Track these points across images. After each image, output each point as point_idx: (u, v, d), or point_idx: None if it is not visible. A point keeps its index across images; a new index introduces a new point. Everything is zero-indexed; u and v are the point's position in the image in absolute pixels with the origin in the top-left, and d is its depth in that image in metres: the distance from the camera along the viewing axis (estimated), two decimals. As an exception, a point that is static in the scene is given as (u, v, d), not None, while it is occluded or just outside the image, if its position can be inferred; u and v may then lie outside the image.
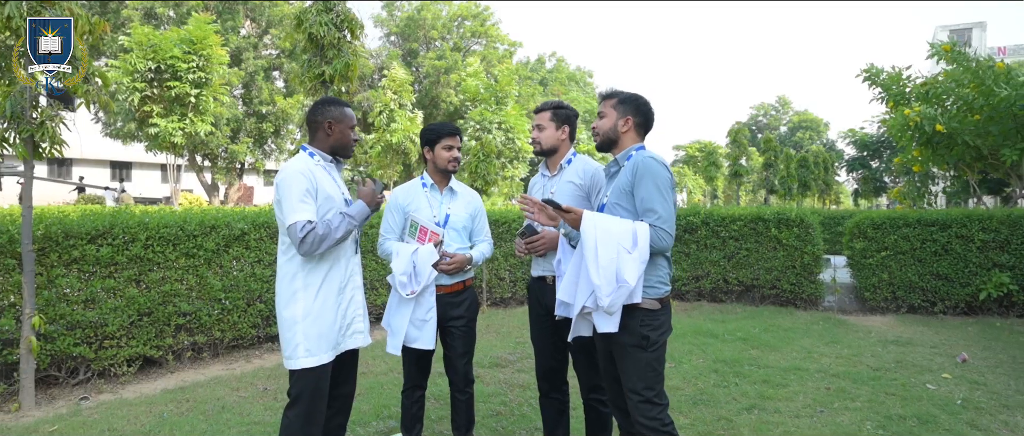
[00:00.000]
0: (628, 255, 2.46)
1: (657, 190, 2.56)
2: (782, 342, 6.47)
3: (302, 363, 2.69)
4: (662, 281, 2.65)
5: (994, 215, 8.24)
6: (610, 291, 2.46)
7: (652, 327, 2.59)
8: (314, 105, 2.95)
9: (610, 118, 2.80)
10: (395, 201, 3.50)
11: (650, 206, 2.56)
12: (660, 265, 2.64)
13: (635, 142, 2.80)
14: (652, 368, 2.59)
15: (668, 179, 2.61)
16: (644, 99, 2.83)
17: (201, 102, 14.44)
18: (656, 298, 2.61)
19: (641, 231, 2.51)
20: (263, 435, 3.85)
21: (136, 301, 5.25)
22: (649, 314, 2.59)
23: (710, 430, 3.96)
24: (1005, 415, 4.25)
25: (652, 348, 2.59)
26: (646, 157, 2.65)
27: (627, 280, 2.45)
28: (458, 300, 3.41)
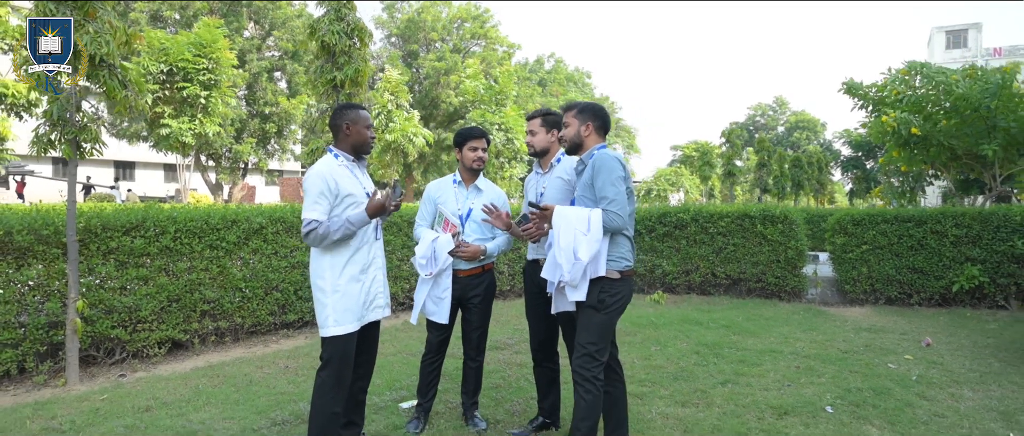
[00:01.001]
0: (583, 236, 2.98)
1: (610, 181, 3.06)
2: (762, 329, 6.96)
3: (332, 331, 3.18)
4: (623, 257, 3.14)
5: (966, 212, 8.72)
6: (569, 267, 2.99)
7: (610, 294, 3.10)
8: (334, 111, 3.43)
9: (573, 126, 3.29)
10: (429, 193, 4.00)
11: (603, 194, 3.07)
12: (621, 243, 3.14)
13: (597, 143, 3.29)
14: (602, 328, 3.10)
15: (620, 172, 3.10)
16: (599, 106, 3.34)
17: (210, 103, 14.92)
18: (617, 270, 3.11)
19: (595, 216, 3.02)
20: (289, 402, 4.33)
21: (166, 288, 5.73)
22: (609, 282, 3.10)
23: (687, 400, 4.44)
24: (953, 389, 4.74)
25: (605, 310, 3.10)
26: (602, 155, 3.15)
27: (581, 257, 2.98)
28: (477, 282, 3.90)
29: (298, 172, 45.15)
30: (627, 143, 58.06)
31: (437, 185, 4.03)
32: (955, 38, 55.65)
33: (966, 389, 4.73)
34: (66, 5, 4.90)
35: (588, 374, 3.08)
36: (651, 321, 7.31)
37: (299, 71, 28.10)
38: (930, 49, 55.68)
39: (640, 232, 9.75)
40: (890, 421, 4.02)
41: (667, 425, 3.95)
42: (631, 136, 58.82)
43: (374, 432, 3.80)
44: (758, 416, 4.11)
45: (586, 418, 3.08)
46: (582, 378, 3.09)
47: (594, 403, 3.09)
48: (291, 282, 6.76)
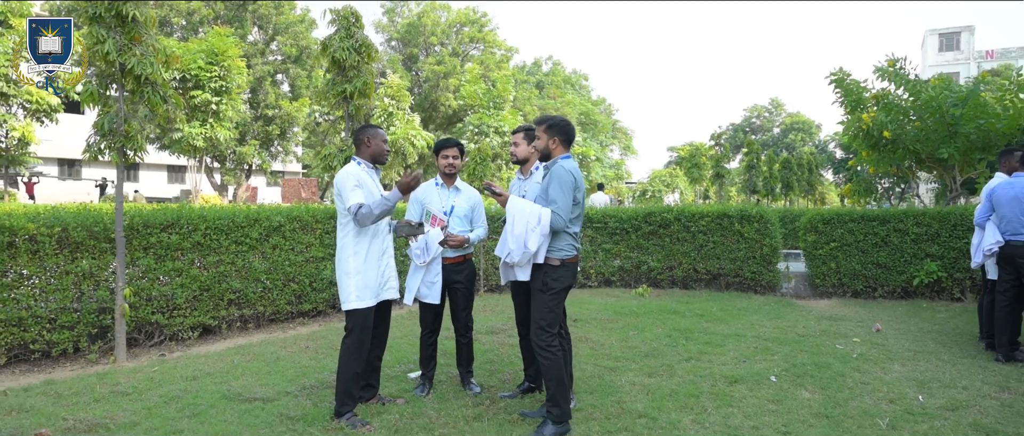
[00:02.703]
0: (533, 230, 3.70)
1: (560, 189, 3.76)
2: (733, 317, 7.69)
3: (354, 305, 3.92)
4: (563, 249, 3.84)
5: (926, 212, 9.46)
6: (520, 253, 3.73)
7: (553, 278, 3.83)
8: (358, 129, 4.22)
9: (543, 139, 4.01)
10: (415, 196, 4.76)
11: (553, 198, 3.79)
12: (564, 238, 3.85)
13: (562, 153, 4.00)
14: (549, 307, 3.83)
15: (570, 181, 3.80)
16: (565, 121, 4.05)
17: (222, 109, 15.66)
18: (558, 259, 3.84)
19: (545, 215, 3.74)
20: (314, 373, 5.08)
21: (198, 279, 6.46)
22: (552, 269, 3.84)
23: (654, 372, 5.18)
24: (885, 364, 5.48)
25: (550, 293, 3.82)
26: (560, 166, 3.86)
27: (530, 247, 3.71)
28: (460, 269, 4.67)
29: (299, 173, 45.83)
30: (624, 144, 58.78)
31: (422, 188, 4.78)
32: (948, 40, 56.40)
33: (897, 364, 5.46)
34: (115, 31, 5.61)
35: (544, 343, 3.83)
36: (633, 311, 8.04)
37: (301, 75, 28.88)
38: (924, 51, 56.45)
39: (627, 230, 10.47)
40: (822, 387, 4.76)
41: (633, 390, 4.68)
42: (628, 138, 59.56)
43: (388, 393, 4.54)
44: (711, 384, 4.84)
45: (551, 378, 3.83)
46: (540, 348, 3.84)
47: (554, 364, 3.82)
48: (306, 275, 7.48)
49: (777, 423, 4.00)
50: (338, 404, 3.95)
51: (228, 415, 4.07)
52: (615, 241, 10.52)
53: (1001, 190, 5.60)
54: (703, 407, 4.31)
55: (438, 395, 4.62)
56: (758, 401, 4.45)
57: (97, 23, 5.54)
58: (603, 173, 40.76)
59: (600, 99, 58.17)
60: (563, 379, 3.86)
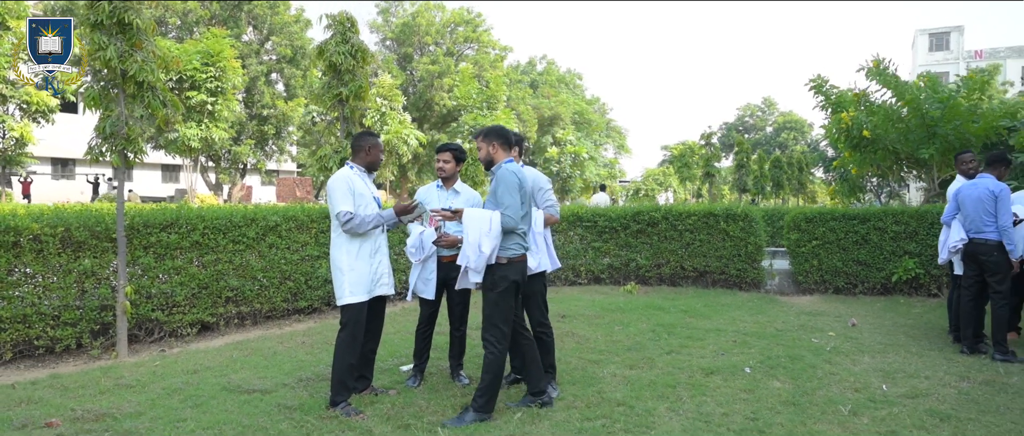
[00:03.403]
0: (486, 235, 3.92)
1: (506, 190, 4.00)
2: (715, 313, 7.94)
3: (348, 300, 4.15)
4: (510, 248, 4.06)
5: (905, 210, 9.73)
6: (475, 257, 3.94)
7: (499, 277, 4.06)
8: (356, 136, 4.45)
9: (484, 148, 4.24)
10: (417, 196, 4.98)
11: (501, 201, 4.03)
12: (512, 238, 4.07)
13: (504, 158, 4.23)
14: (497, 303, 4.07)
15: (515, 182, 4.03)
16: (499, 128, 4.29)
17: (217, 110, 15.84)
18: (506, 258, 4.06)
19: (495, 218, 3.97)
20: (310, 366, 5.31)
21: (196, 277, 6.68)
22: (499, 267, 4.06)
23: (635, 364, 5.42)
24: (856, 356, 5.74)
25: (497, 291, 4.05)
26: (503, 170, 4.09)
27: (484, 251, 3.92)
28: (456, 266, 4.87)
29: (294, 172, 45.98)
30: (618, 143, 59.06)
31: (424, 190, 5.05)
32: (938, 40, 56.84)
33: (867, 356, 5.72)
34: (116, 37, 5.82)
35: (491, 337, 4.08)
36: (620, 307, 8.28)
37: (296, 75, 29.03)
38: (914, 51, 56.89)
39: (617, 229, 10.70)
40: (793, 378, 5.02)
41: (614, 381, 4.93)
42: (622, 136, 59.85)
43: (381, 384, 4.77)
44: (689, 375, 5.09)
45: (489, 370, 4.08)
46: (486, 340, 4.10)
47: (496, 359, 4.07)
48: (302, 273, 7.70)
49: (746, 410, 4.25)
50: (333, 394, 4.18)
51: (229, 405, 4.29)
52: (604, 239, 10.75)
53: (966, 191, 5.86)
54: (679, 396, 4.56)
55: (429, 386, 4.85)
56: (731, 391, 4.70)
57: (99, 30, 5.74)
58: (597, 172, 41.02)
59: (594, 98, 58.42)
60: (499, 375, 4.10)
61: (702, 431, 3.90)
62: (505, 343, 4.12)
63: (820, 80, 11.71)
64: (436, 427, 3.95)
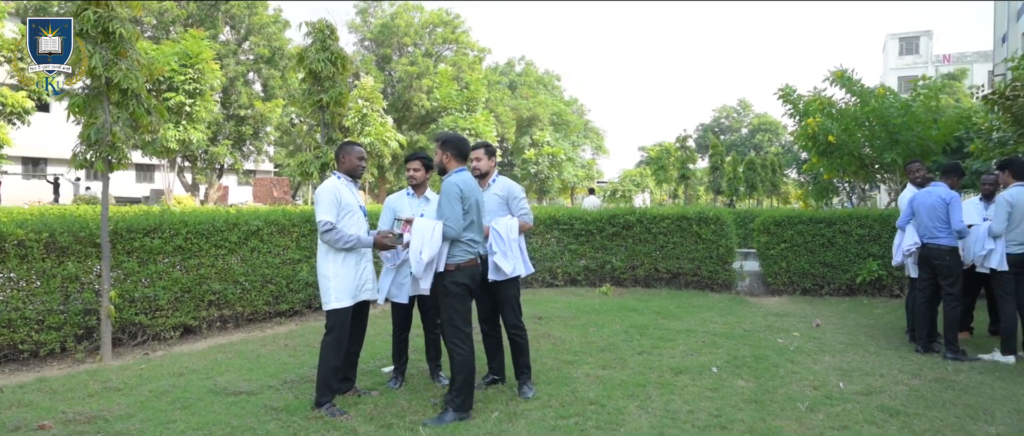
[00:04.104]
0: (427, 243, 4.13)
1: (447, 202, 4.21)
2: (687, 314, 8.21)
3: (334, 305, 4.33)
4: (457, 255, 4.27)
5: (869, 214, 10.11)
6: (415, 263, 4.16)
7: (451, 281, 4.28)
8: (339, 146, 4.61)
9: (439, 155, 4.46)
10: (388, 204, 5.18)
11: (442, 212, 4.25)
12: (458, 246, 4.28)
13: (456, 167, 4.44)
14: (452, 306, 4.28)
15: (456, 193, 4.22)
16: (455, 138, 4.51)
17: (195, 111, 15.82)
18: (454, 264, 4.28)
19: (437, 228, 4.18)
20: (294, 369, 5.46)
21: (179, 281, 6.78)
22: (449, 273, 4.28)
23: (608, 364, 5.65)
24: (817, 355, 6.03)
25: (450, 295, 4.27)
26: (448, 181, 4.29)
27: (423, 258, 4.14)
28: None
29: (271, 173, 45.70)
30: (596, 144, 59.52)
31: (395, 197, 5.24)
32: (907, 45, 58.10)
33: (827, 356, 6.02)
34: (101, 46, 5.91)
35: (454, 339, 4.28)
36: (595, 309, 8.52)
37: (275, 75, 28.94)
38: (885, 54, 58.10)
39: (592, 232, 10.95)
40: (756, 377, 5.29)
41: (587, 381, 5.15)
42: (599, 137, 60.31)
43: (364, 386, 4.95)
44: (659, 375, 5.33)
45: (460, 371, 4.27)
46: (450, 343, 4.29)
47: (463, 360, 4.27)
48: (283, 276, 7.83)
49: (711, 407, 4.50)
50: (318, 395, 4.35)
51: (216, 407, 4.45)
52: (581, 242, 11.00)
53: (920, 198, 6.19)
54: (648, 395, 4.79)
55: (409, 387, 5.04)
56: (698, 389, 4.95)
57: (83, 38, 5.84)
58: (574, 173, 41.36)
59: (572, 99, 58.82)
60: (472, 373, 4.31)
61: (669, 428, 4.14)
62: (469, 342, 4.32)
63: (788, 89, 12.10)
64: (417, 426, 4.14)
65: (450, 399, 4.29)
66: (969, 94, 37.48)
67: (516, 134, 38.76)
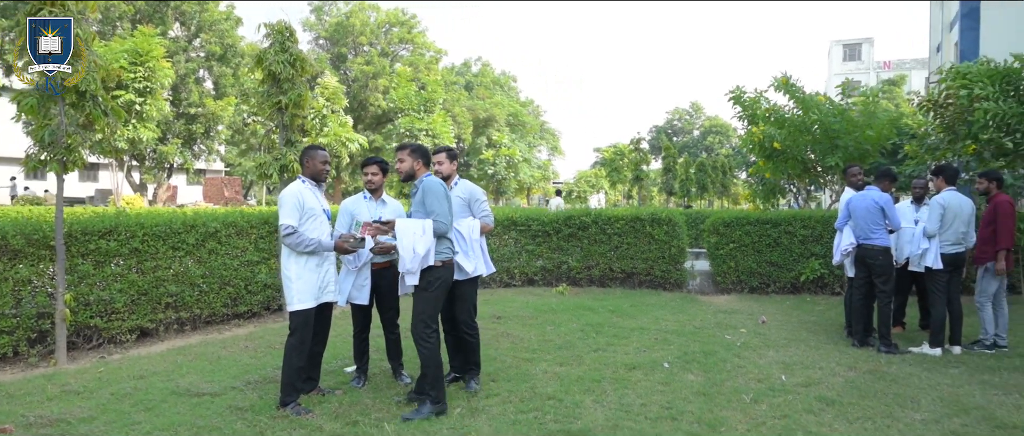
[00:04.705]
0: (420, 238, 4.28)
1: (436, 199, 4.38)
2: (641, 313, 8.50)
3: (297, 306, 4.42)
4: (442, 252, 4.45)
5: (812, 215, 10.59)
6: (410, 259, 4.29)
7: (433, 277, 4.43)
8: (303, 150, 4.70)
9: (408, 162, 4.60)
10: (345, 207, 5.28)
11: (432, 209, 4.40)
12: (444, 243, 4.46)
13: (424, 172, 4.61)
14: (430, 302, 4.44)
15: (442, 191, 4.42)
16: (423, 146, 4.70)
17: (146, 110, 15.49)
18: (439, 260, 4.44)
19: (428, 225, 4.34)
20: (256, 370, 5.51)
21: (136, 284, 6.73)
22: (432, 270, 4.43)
23: (565, 361, 5.87)
24: (762, 351, 6.36)
25: (430, 290, 4.42)
26: (430, 181, 4.47)
27: (419, 252, 4.28)
28: (386, 273, 5.22)
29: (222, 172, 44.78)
30: (552, 145, 60.03)
31: (352, 200, 5.33)
32: (851, 51, 60.30)
33: (771, 351, 6.36)
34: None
35: (424, 334, 4.43)
36: (552, 308, 8.74)
37: (227, 73, 28.40)
38: (829, 60, 60.15)
39: (549, 233, 11.18)
40: (705, 371, 5.57)
41: (545, 377, 5.35)
42: (555, 138, 60.84)
43: (327, 385, 5.05)
44: (613, 371, 5.57)
45: (429, 365, 4.44)
46: (419, 339, 4.44)
47: (432, 354, 4.43)
48: (242, 278, 7.82)
49: (663, 401, 4.75)
50: (283, 395, 4.44)
51: (180, 408, 4.49)
52: (538, 243, 11.21)
53: (856, 201, 6.59)
54: (603, 390, 5.02)
55: (373, 386, 5.16)
56: (651, 384, 5.20)
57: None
58: (531, 174, 41.67)
59: (528, 100, 59.16)
60: (440, 366, 4.48)
61: (623, 420, 4.36)
62: (435, 337, 4.48)
63: (739, 92, 12.50)
64: (383, 422, 4.26)
65: (425, 393, 4.44)
66: (908, 100, 39.26)
67: (473, 135, 38.86)
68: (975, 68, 10.07)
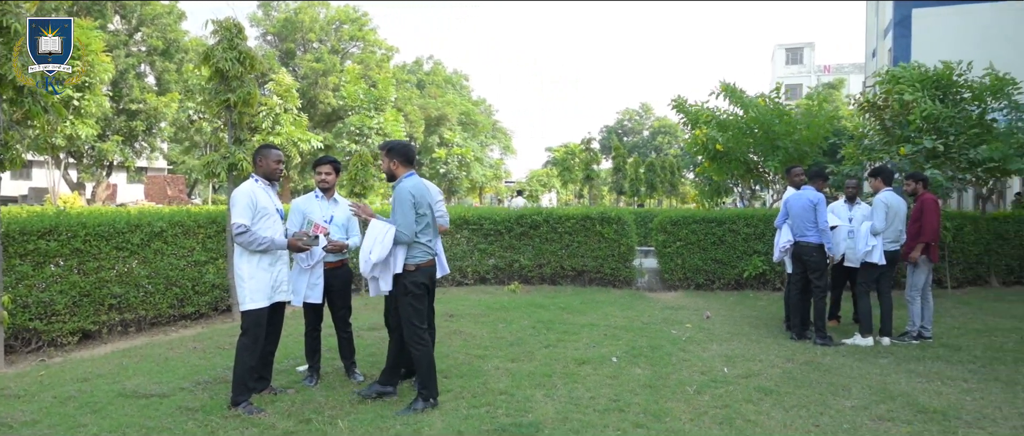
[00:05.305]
0: (378, 243, 4.34)
1: (399, 209, 4.41)
2: (591, 309, 8.68)
3: (249, 306, 4.42)
4: (416, 256, 4.50)
5: (755, 213, 10.98)
6: (363, 262, 4.37)
7: (410, 281, 4.50)
8: (256, 150, 4.69)
9: (386, 162, 4.65)
10: (296, 206, 5.28)
11: (394, 217, 4.45)
12: (416, 248, 4.50)
13: (405, 172, 4.63)
14: (413, 305, 4.51)
15: (408, 199, 4.42)
16: (402, 145, 4.71)
17: (84, 105, 14.98)
18: (414, 264, 4.51)
19: (390, 232, 4.39)
20: (206, 370, 5.46)
21: (78, 285, 6.56)
22: (408, 274, 4.50)
23: (517, 357, 5.98)
24: (706, 344, 6.60)
25: (411, 294, 4.49)
26: (400, 186, 4.50)
27: (372, 259, 4.35)
28: (338, 272, 5.27)
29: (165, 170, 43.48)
30: (504, 144, 60.21)
31: (304, 200, 5.35)
32: (793, 55, 62.25)
33: (715, 344, 6.60)
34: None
35: (413, 337, 4.51)
36: (504, 306, 8.85)
37: (170, 69, 27.63)
38: (773, 64, 62.02)
39: (501, 231, 11.29)
40: (652, 365, 5.76)
41: (498, 373, 5.46)
42: (507, 137, 61.04)
43: (280, 385, 5.04)
44: (564, 366, 5.71)
45: (422, 365, 4.53)
46: (410, 341, 4.53)
47: (424, 354, 4.52)
48: (189, 278, 7.69)
49: (611, 394, 4.91)
50: (234, 394, 4.42)
51: (128, 410, 4.42)
52: (490, 241, 11.31)
53: (793, 200, 6.90)
54: (554, 384, 5.15)
55: (325, 384, 5.17)
56: (599, 378, 5.35)
57: (-27, 32, 5.57)
58: (483, 173, 41.76)
59: (481, 99, 59.22)
60: (433, 365, 4.56)
61: (572, 412, 4.49)
62: (426, 338, 4.54)
63: (680, 100, 12.89)
64: (336, 419, 4.30)
65: (418, 390, 4.55)
66: (846, 103, 40.91)
67: (425, 133, 38.72)
68: (908, 72, 10.62)
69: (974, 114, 10.51)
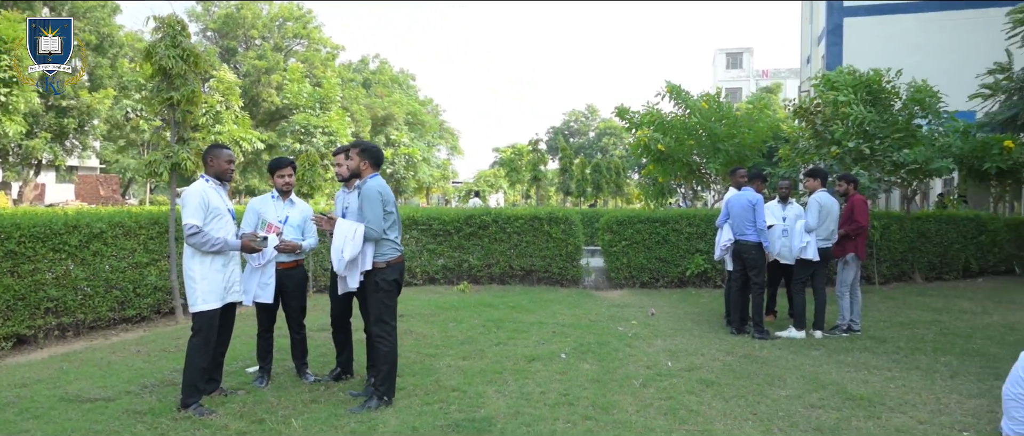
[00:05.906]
0: (350, 242, 4.40)
1: (370, 205, 4.46)
2: (539, 308, 8.84)
3: (201, 307, 4.38)
4: (386, 253, 4.56)
5: (697, 214, 11.35)
6: (337, 260, 4.44)
7: (381, 278, 4.56)
8: (206, 149, 4.66)
9: (355, 161, 4.69)
10: (252, 206, 5.25)
11: (365, 215, 4.50)
12: (385, 244, 4.56)
13: (370, 173, 4.69)
14: (383, 302, 4.57)
15: (377, 197, 4.47)
16: (375, 147, 4.79)
17: (12, 101, 14.34)
18: (384, 261, 4.57)
19: (359, 230, 4.45)
20: (152, 374, 5.36)
21: (12, 288, 6.33)
22: (379, 271, 4.56)
23: (468, 355, 6.07)
24: (651, 340, 6.83)
25: (381, 291, 4.55)
26: (369, 185, 4.55)
27: (345, 256, 4.41)
28: (292, 273, 5.25)
29: (97, 169, 41.78)
30: (451, 144, 60.07)
31: (259, 200, 5.34)
32: (733, 59, 64.20)
33: (659, 340, 6.84)
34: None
35: (381, 332, 4.57)
36: (453, 305, 8.93)
37: (104, 64, 26.61)
38: (714, 67, 63.81)
39: (450, 232, 11.34)
40: (600, 360, 5.94)
41: (449, 371, 5.54)
42: (455, 138, 60.94)
43: (230, 386, 5.00)
44: (514, 363, 5.83)
45: (386, 361, 4.57)
46: (377, 336, 4.58)
47: (390, 351, 4.58)
48: (129, 280, 7.50)
49: (560, 388, 5.06)
50: (185, 396, 4.38)
51: (71, 414, 4.33)
52: (439, 242, 11.36)
53: (733, 201, 7.21)
54: (505, 380, 5.27)
55: (277, 385, 5.16)
56: (549, 373, 5.50)
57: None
58: (430, 173, 41.61)
59: (427, 99, 58.93)
60: (395, 364, 4.62)
61: (523, 407, 4.62)
62: (394, 335, 4.60)
63: (623, 108, 13.24)
64: (289, 419, 4.31)
65: (376, 388, 4.56)
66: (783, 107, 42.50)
67: (371, 133, 38.33)
68: (842, 77, 11.16)
69: (900, 120, 11.13)
